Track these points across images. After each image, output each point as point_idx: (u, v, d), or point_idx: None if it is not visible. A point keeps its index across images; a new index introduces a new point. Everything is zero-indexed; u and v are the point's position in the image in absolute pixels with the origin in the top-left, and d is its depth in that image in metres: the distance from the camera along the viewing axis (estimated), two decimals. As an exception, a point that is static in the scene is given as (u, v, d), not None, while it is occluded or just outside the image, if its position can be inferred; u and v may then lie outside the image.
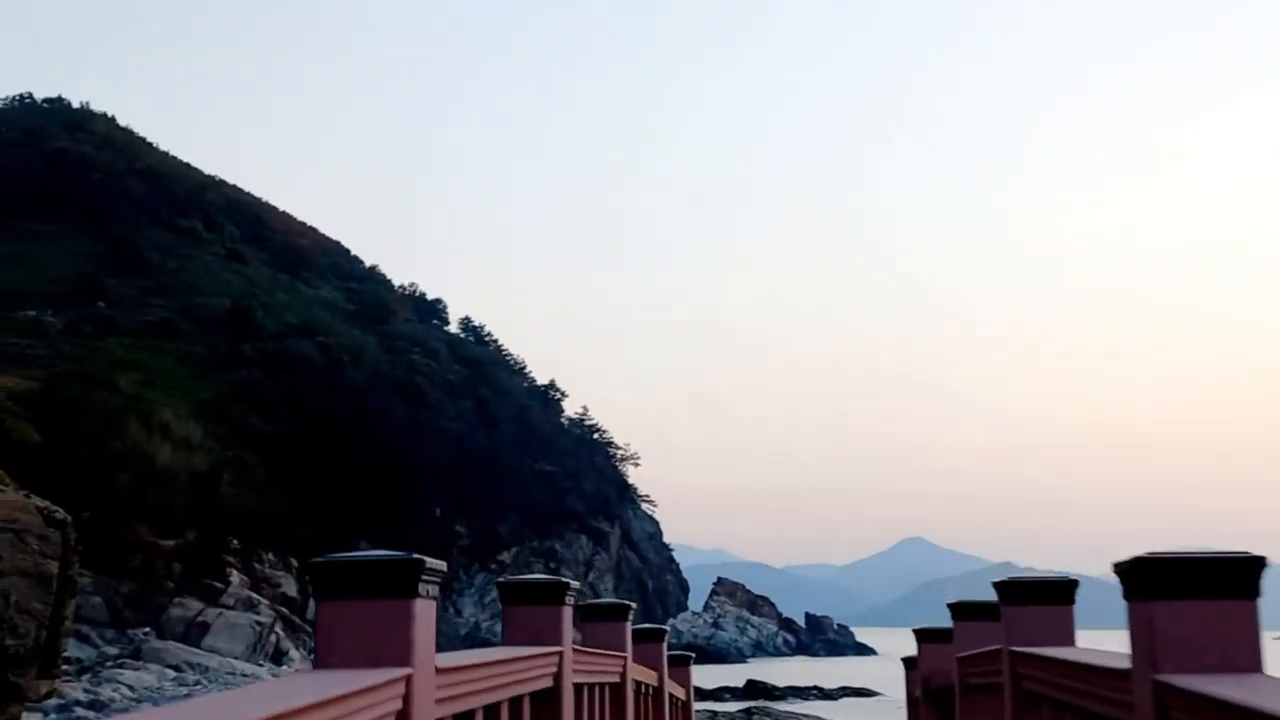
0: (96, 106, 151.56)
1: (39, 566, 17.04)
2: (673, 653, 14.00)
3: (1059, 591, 7.03)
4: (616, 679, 9.33)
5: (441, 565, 4.54)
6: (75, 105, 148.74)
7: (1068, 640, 6.62)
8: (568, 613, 7.21)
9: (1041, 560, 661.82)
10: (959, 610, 9.72)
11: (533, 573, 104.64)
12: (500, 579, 8.15)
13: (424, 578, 4.38)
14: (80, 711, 30.28)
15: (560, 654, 7.04)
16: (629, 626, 9.96)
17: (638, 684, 10.48)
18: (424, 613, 4.42)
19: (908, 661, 15.04)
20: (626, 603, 10.16)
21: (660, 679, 12.42)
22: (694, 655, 15.81)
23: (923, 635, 12.84)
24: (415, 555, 4.38)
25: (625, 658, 9.61)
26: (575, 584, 7.43)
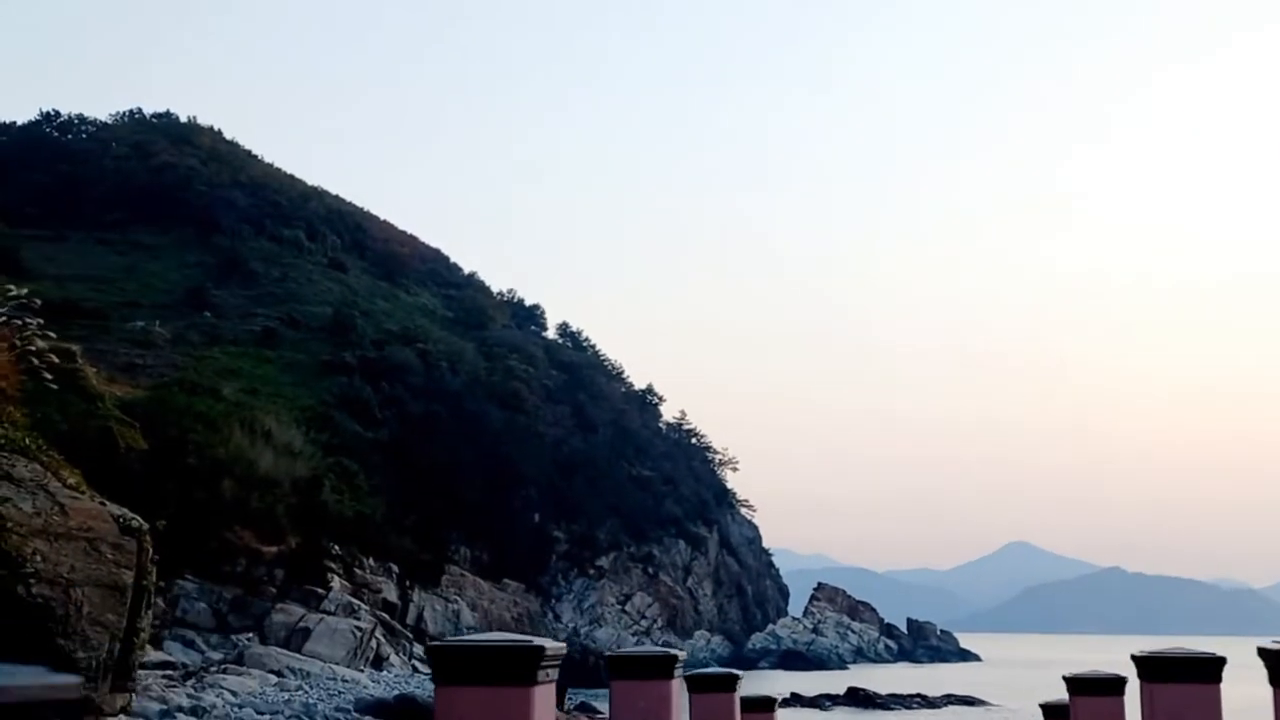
0: (203, 120, 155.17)
1: (113, 576, 16.94)
2: (749, 696, 11.39)
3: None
4: (655, 756, 7.25)
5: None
6: (183, 119, 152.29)
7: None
8: (543, 693, 5.24)
9: (1150, 565, 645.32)
10: (1150, 666, 7.69)
11: (630, 578, 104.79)
12: (431, 644, 5.98)
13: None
14: (182, 718, 30.63)
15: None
16: (676, 684, 7.92)
17: (694, 755, 8.00)
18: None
19: (1050, 710, 12.92)
20: (671, 652, 8.26)
21: (730, 739, 9.28)
22: (779, 699, 13.93)
23: (1078, 685, 10.55)
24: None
25: (667, 729, 7.26)
26: (555, 646, 5.61)
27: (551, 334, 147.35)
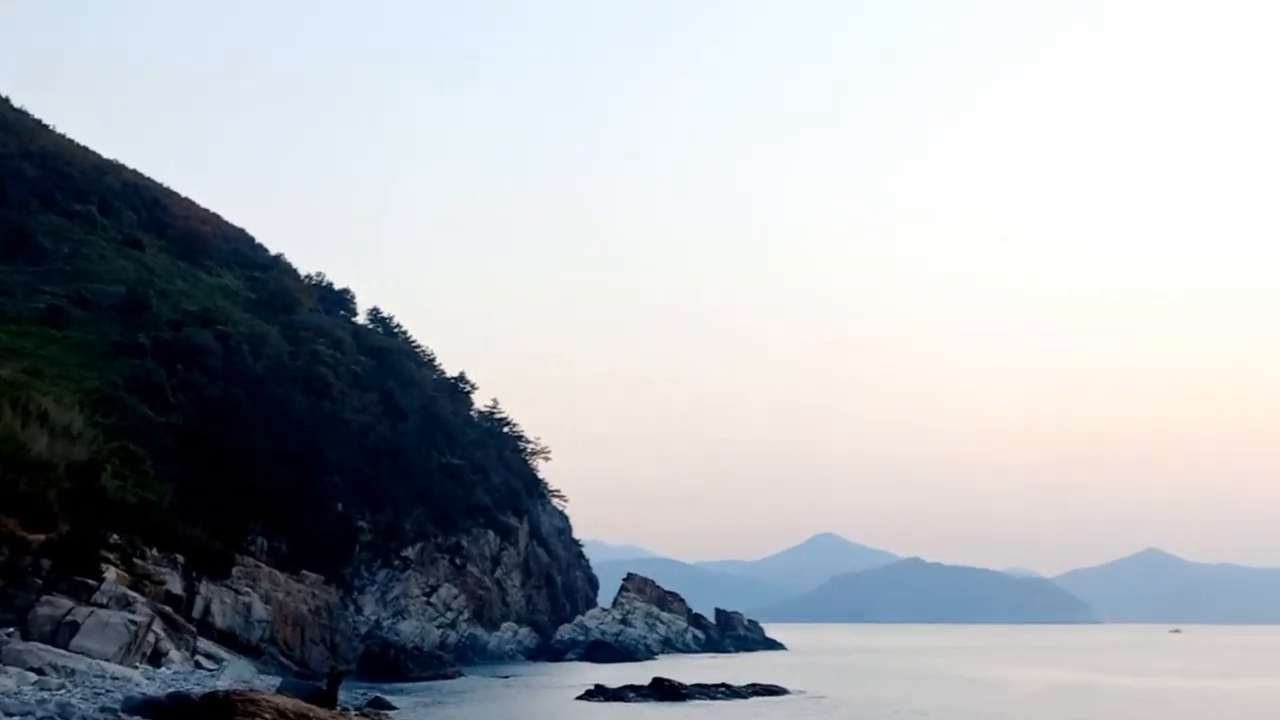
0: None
1: None
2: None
3: None
4: None
5: None
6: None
7: None
8: None
9: (948, 555, 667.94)
10: None
11: (437, 569, 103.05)
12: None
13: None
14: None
15: None
16: None
17: None
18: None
19: None
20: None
21: None
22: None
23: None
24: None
25: None
26: None
27: (362, 319, 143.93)
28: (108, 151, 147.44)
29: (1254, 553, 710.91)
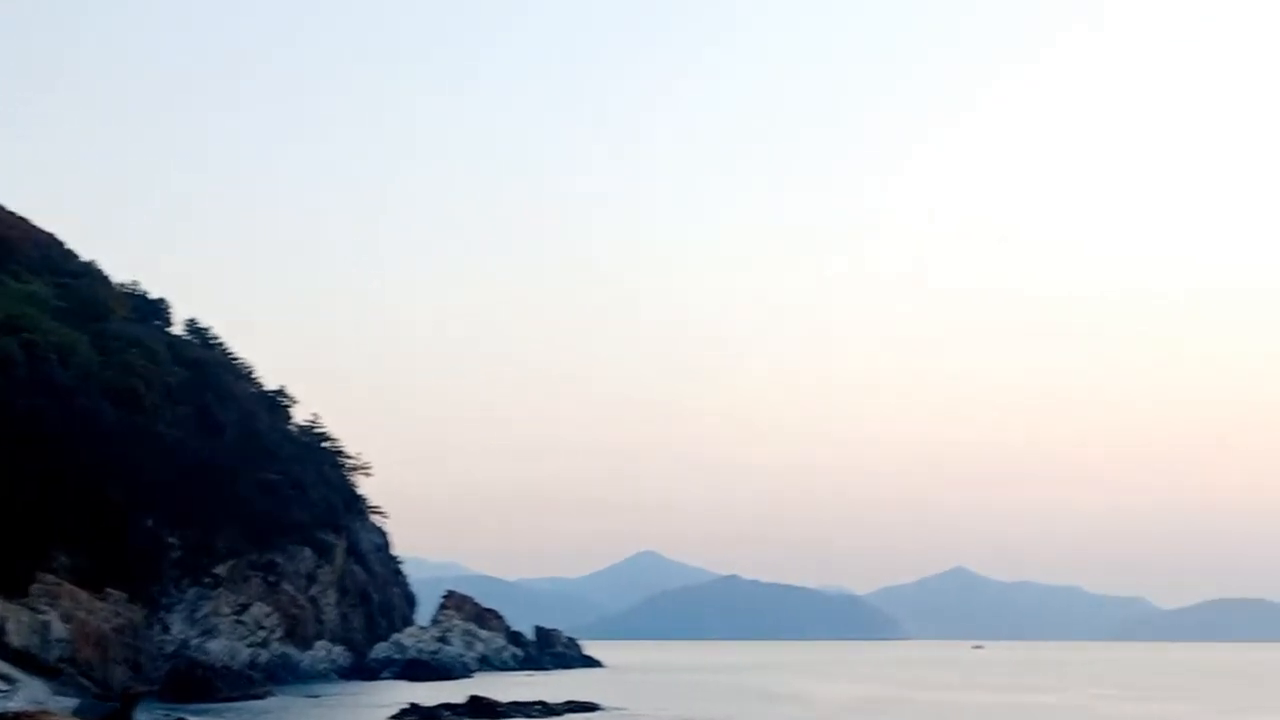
0: None
1: None
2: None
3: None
4: None
5: None
6: None
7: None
8: None
9: (765, 573, 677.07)
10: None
11: (249, 587, 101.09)
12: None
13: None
14: None
15: None
16: None
17: None
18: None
19: None
20: None
21: None
22: None
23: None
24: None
25: None
26: None
27: (179, 329, 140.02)
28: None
29: (1050, 571, 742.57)
